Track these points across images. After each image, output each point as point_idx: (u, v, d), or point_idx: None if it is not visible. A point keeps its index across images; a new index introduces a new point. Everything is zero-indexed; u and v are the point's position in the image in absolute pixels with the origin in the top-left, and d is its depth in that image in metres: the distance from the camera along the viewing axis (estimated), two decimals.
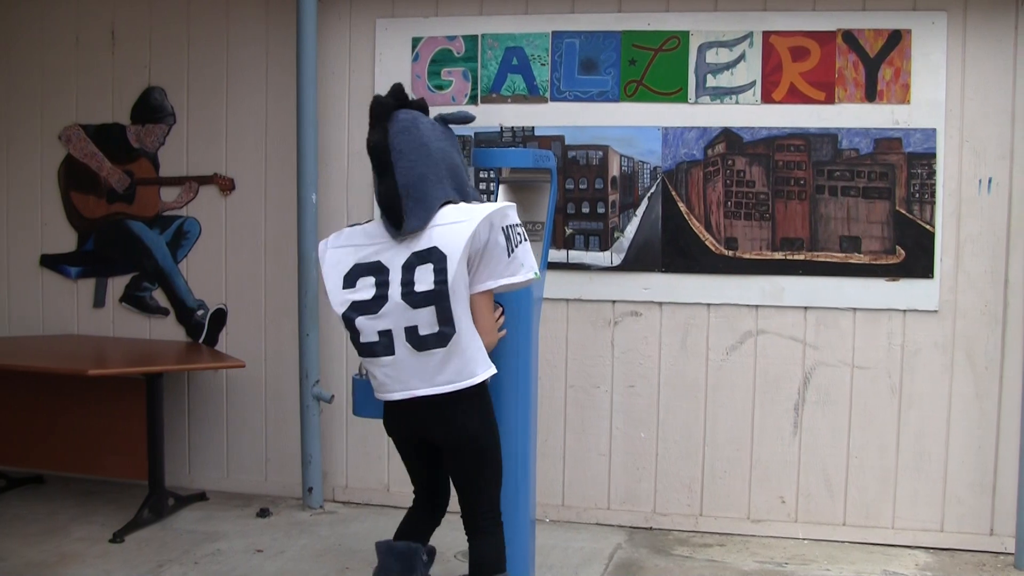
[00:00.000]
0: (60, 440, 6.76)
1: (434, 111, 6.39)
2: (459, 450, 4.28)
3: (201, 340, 7.11)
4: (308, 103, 6.53)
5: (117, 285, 7.27)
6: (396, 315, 4.13)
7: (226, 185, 6.97)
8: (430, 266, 4.10)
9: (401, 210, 4.17)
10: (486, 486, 4.34)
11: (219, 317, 7.06)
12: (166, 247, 7.14)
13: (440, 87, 6.57)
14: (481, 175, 6.41)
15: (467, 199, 4.29)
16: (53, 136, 7.30)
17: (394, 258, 4.18)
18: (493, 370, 4.22)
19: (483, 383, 4.22)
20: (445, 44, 6.56)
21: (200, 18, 7.01)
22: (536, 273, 4.19)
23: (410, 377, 4.18)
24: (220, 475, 7.16)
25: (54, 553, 5.92)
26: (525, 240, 4.21)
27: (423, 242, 4.13)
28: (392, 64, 6.63)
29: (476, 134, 6.47)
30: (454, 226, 4.12)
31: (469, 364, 4.16)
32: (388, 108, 4.34)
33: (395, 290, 4.13)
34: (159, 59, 7.08)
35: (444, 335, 4.11)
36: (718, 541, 6.22)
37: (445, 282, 4.07)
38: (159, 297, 7.19)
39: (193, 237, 7.10)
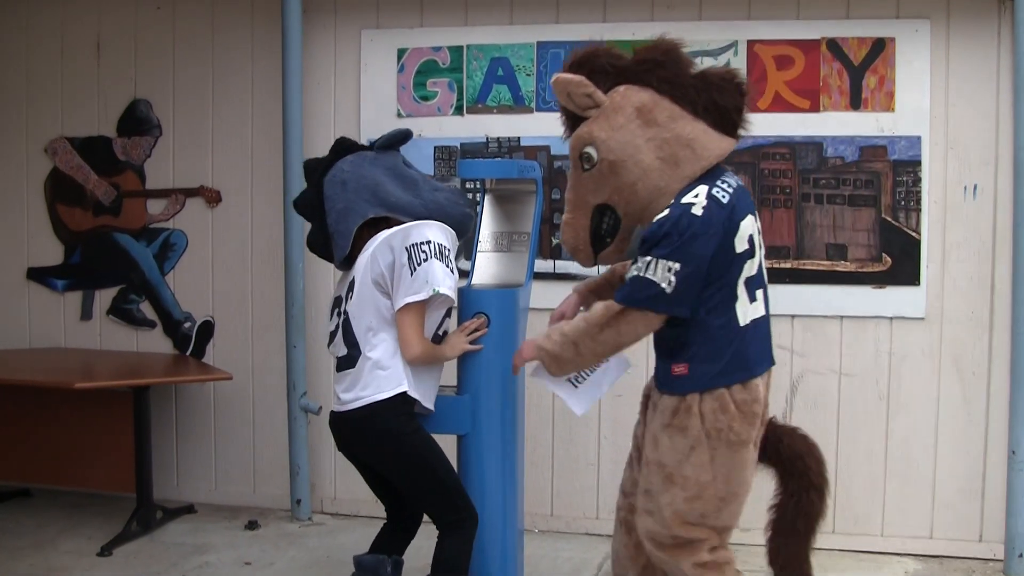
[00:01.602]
0: (47, 453, 6.76)
1: (421, 122, 6.47)
2: (384, 464, 4.53)
3: (188, 352, 7.10)
4: (294, 115, 6.53)
5: (104, 298, 7.27)
6: (337, 342, 4.52)
7: (212, 197, 6.97)
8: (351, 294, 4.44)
9: (331, 248, 4.54)
10: (425, 495, 4.52)
11: (206, 329, 7.06)
12: (153, 259, 7.14)
13: (425, 98, 6.58)
14: (467, 186, 6.41)
15: (396, 208, 4.49)
16: (39, 149, 7.29)
17: (343, 289, 4.53)
18: (403, 388, 4.39)
19: (400, 399, 4.39)
20: (430, 55, 6.57)
21: (185, 30, 7.01)
22: (436, 290, 4.31)
23: (335, 398, 4.53)
24: (208, 487, 7.15)
25: (42, 567, 5.92)
26: (434, 258, 4.33)
27: (352, 272, 4.47)
28: (377, 75, 6.64)
29: (462, 145, 6.48)
30: (364, 253, 4.42)
31: (375, 382, 4.39)
32: (312, 168, 4.67)
33: (340, 319, 4.51)
34: (145, 71, 7.08)
35: (352, 357, 4.44)
36: None
37: (347, 309, 4.44)
38: (146, 309, 7.19)
39: (180, 249, 7.09)
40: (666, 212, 3.83)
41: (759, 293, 4.04)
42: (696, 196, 3.83)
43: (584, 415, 4.53)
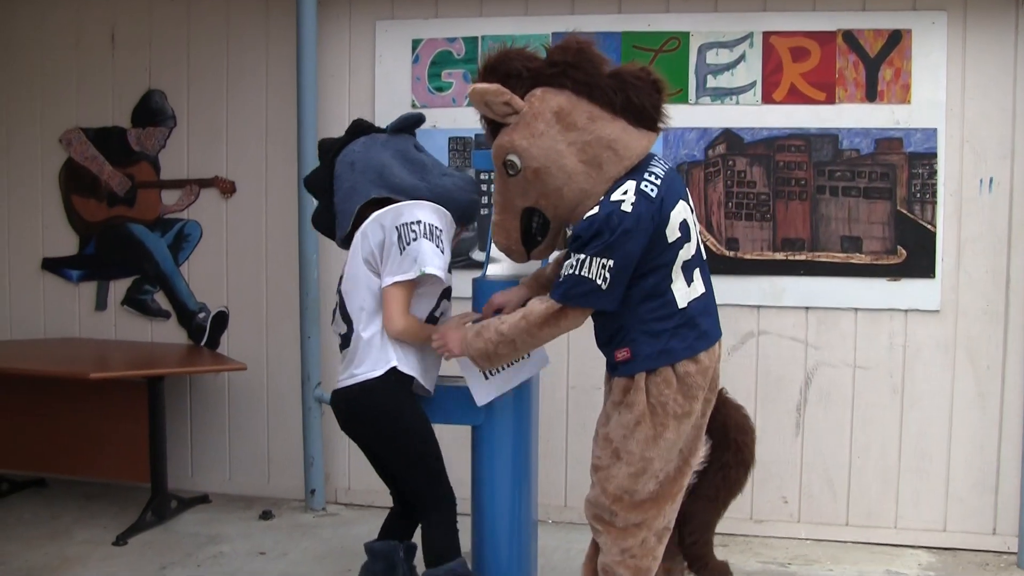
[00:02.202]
0: (62, 443, 6.78)
1: (436, 113, 6.47)
2: (377, 442, 4.55)
3: (203, 343, 7.13)
4: (308, 105, 6.55)
5: (118, 288, 7.29)
6: (337, 320, 4.64)
7: (227, 188, 6.98)
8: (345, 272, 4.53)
9: (334, 227, 4.61)
10: (409, 477, 4.55)
11: (220, 320, 7.08)
12: (167, 250, 7.16)
13: (440, 89, 6.59)
14: (482, 176, 6.42)
15: (400, 191, 4.49)
16: (54, 139, 7.32)
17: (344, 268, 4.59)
18: (392, 363, 4.40)
19: (390, 377, 4.42)
20: (445, 46, 6.58)
21: (200, 21, 7.03)
22: (423, 270, 4.30)
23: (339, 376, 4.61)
24: (222, 478, 7.18)
25: (57, 556, 5.95)
26: (424, 238, 4.33)
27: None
28: (392, 66, 6.65)
29: (476, 136, 6.48)
30: (358, 231, 4.45)
31: (368, 360, 4.43)
32: (326, 148, 4.71)
33: (338, 297, 4.60)
34: (159, 62, 7.10)
35: (347, 335, 4.52)
36: (721, 541, 6.20)
37: (341, 287, 4.52)
38: (160, 300, 7.21)
39: (194, 240, 7.11)
40: (595, 210, 3.89)
41: (696, 273, 4.12)
42: (625, 193, 3.88)
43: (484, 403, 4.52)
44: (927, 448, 6.16)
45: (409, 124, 4.73)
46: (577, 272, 3.86)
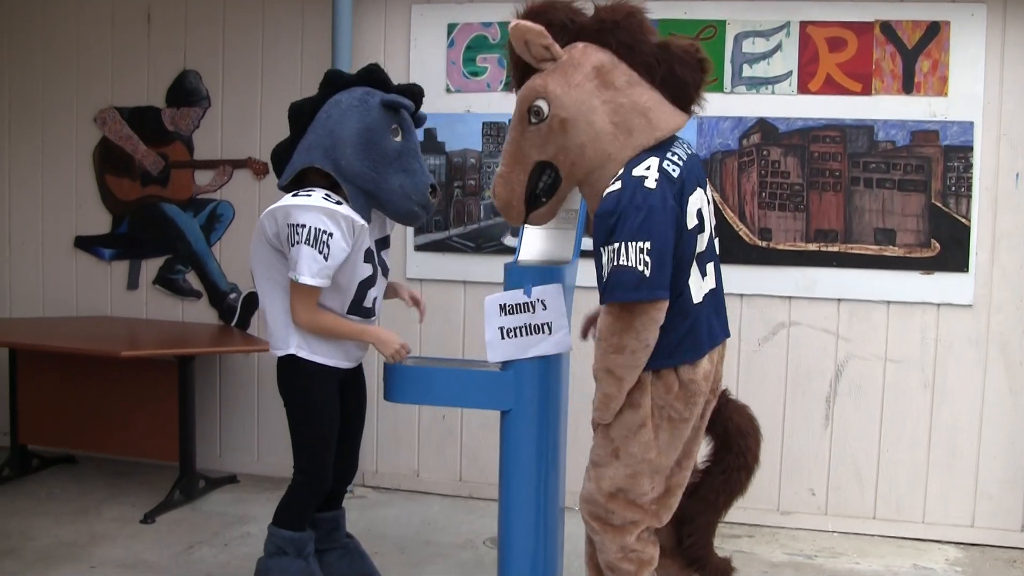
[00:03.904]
0: (92, 421, 6.85)
1: (470, 98, 6.49)
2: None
3: (233, 323, 7.18)
4: None
5: (150, 267, 7.35)
6: None
7: (260, 169, 7.02)
8: None
9: (281, 168, 4.62)
10: (295, 444, 4.67)
11: (251, 300, 7.12)
12: (199, 230, 7.21)
13: (475, 73, 6.61)
14: None
15: (340, 173, 4.47)
16: (88, 119, 7.38)
17: None
18: (289, 350, 4.55)
19: (291, 360, 4.56)
20: (480, 31, 6.60)
21: (236, 2, 7.07)
22: (297, 278, 4.37)
23: None
24: (250, 458, 7.24)
25: (86, 533, 6.02)
26: (304, 244, 4.34)
27: None
28: (427, 50, 6.68)
29: (510, 122, 6.48)
30: (265, 212, 4.48)
31: (272, 338, 4.61)
32: (331, 80, 4.64)
33: None
34: (194, 42, 7.15)
35: (260, 306, 4.68)
36: (747, 532, 6.25)
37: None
38: (192, 280, 7.27)
39: (226, 220, 7.17)
40: (617, 186, 3.77)
41: (710, 267, 4.03)
42: (647, 169, 3.77)
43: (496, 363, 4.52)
44: (957, 443, 6.17)
45: (402, 103, 4.58)
46: (617, 263, 3.70)
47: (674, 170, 3.82)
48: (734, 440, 4.27)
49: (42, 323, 7.16)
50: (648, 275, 3.68)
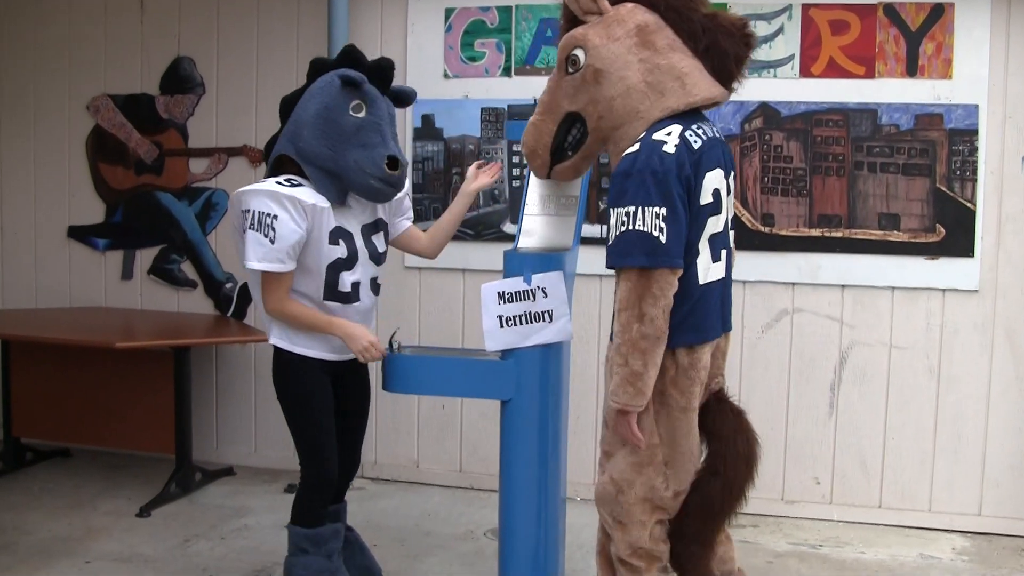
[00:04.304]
0: (87, 413, 6.83)
1: (468, 83, 6.47)
2: None
3: (229, 313, 7.16)
4: None
5: (145, 257, 7.33)
6: None
7: (256, 157, 6.99)
8: None
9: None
10: (293, 438, 4.65)
11: (247, 290, 7.08)
12: (195, 219, 7.18)
13: (473, 59, 6.57)
14: (514, 148, 6.41)
15: (301, 156, 4.44)
16: (81, 106, 7.34)
17: None
18: (271, 340, 4.57)
19: (276, 350, 4.59)
20: (478, 15, 6.56)
21: None
22: (246, 264, 4.34)
23: None
24: (247, 450, 7.21)
25: (80, 527, 5.99)
26: (251, 229, 4.31)
27: None
28: (424, 35, 6.64)
29: (509, 106, 6.47)
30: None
31: (267, 326, 4.62)
32: (315, 67, 4.59)
33: None
34: (188, 29, 7.11)
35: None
36: (751, 522, 6.22)
37: None
38: (187, 270, 7.24)
39: (222, 209, 7.13)
40: (635, 147, 3.74)
41: (723, 253, 3.97)
42: (668, 135, 3.74)
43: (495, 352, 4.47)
44: (963, 430, 6.13)
45: (351, 85, 4.49)
46: (632, 226, 3.65)
47: (695, 141, 3.78)
48: (711, 442, 4.10)
49: (35, 314, 7.13)
50: (664, 242, 3.64)
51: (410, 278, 6.67)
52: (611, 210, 3.76)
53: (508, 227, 6.47)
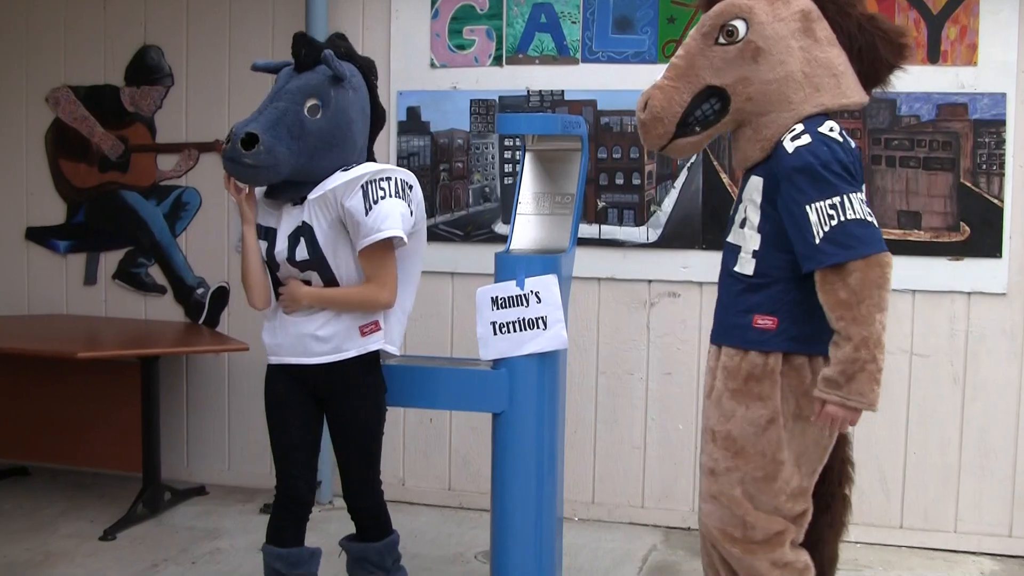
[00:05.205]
0: (47, 429, 6.82)
1: (456, 73, 6.46)
2: None
3: (201, 321, 7.13)
4: None
5: (110, 261, 7.30)
6: None
7: None
8: None
9: None
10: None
11: (221, 296, 7.08)
12: (163, 219, 7.16)
13: (461, 47, 6.56)
14: (506, 142, 6.40)
15: None
16: (39, 98, 7.32)
17: None
18: (376, 345, 4.48)
19: (371, 358, 4.54)
20: (467, 0, 6.55)
21: None
22: (384, 234, 4.24)
23: None
24: (221, 467, 7.19)
25: (39, 551, 5.96)
26: (400, 196, 4.28)
27: None
28: (409, 22, 6.62)
29: (501, 98, 6.45)
30: None
31: None
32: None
33: None
34: (155, 15, 7.09)
35: None
36: None
37: None
38: (155, 274, 7.22)
39: (193, 209, 7.11)
40: (806, 140, 3.68)
41: None
42: (832, 130, 3.72)
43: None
44: (991, 444, 6.11)
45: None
46: (843, 217, 3.57)
47: (851, 141, 3.77)
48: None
49: None
50: (876, 225, 3.63)
51: None
52: (808, 207, 3.64)
53: (500, 227, 6.46)
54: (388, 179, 4.24)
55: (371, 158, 4.53)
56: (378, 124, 4.59)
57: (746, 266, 3.85)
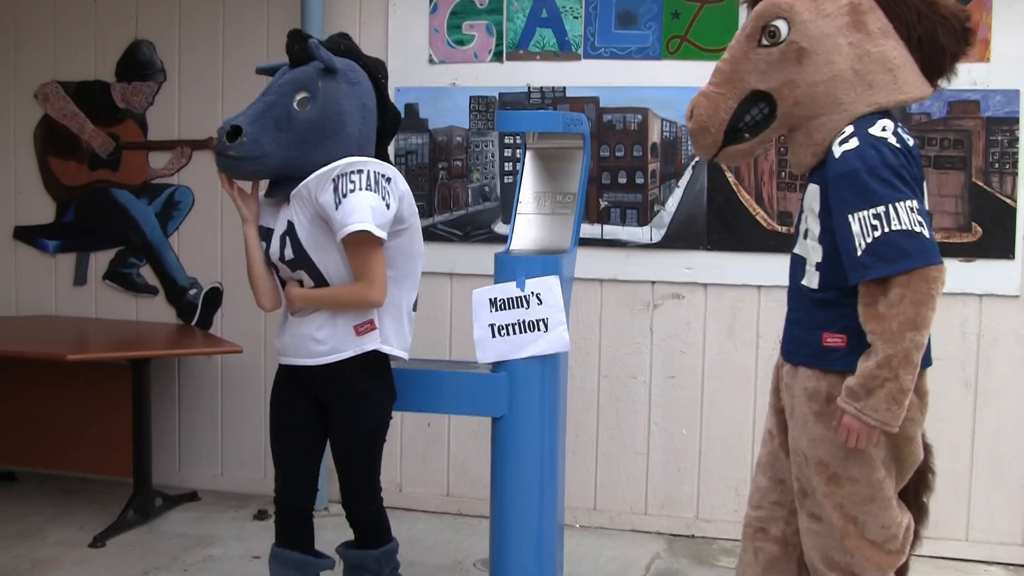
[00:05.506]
0: (35, 433, 6.81)
1: (455, 69, 6.45)
2: None
3: (193, 322, 7.12)
4: None
5: (100, 261, 7.30)
6: None
7: None
8: None
9: None
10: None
11: (214, 297, 7.07)
12: (155, 219, 7.15)
13: (461, 42, 6.55)
14: (506, 140, 6.39)
15: None
16: (28, 94, 7.32)
17: None
18: (373, 345, 4.45)
19: (373, 357, 4.53)
20: None
21: None
22: (353, 228, 4.21)
23: None
24: (214, 473, 7.19)
25: (27, 559, 5.95)
26: (370, 189, 4.26)
27: None
28: (407, 17, 6.61)
29: (501, 95, 6.44)
30: None
31: None
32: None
33: None
34: (147, 9, 7.09)
35: None
36: None
37: None
38: (147, 274, 7.21)
39: (185, 208, 7.11)
40: (854, 144, 3.56)
41: None
42: (883, 130, 3.58)
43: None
44: (1003, 450, 6.10)
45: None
46: (886, 228, 3.44)
47: (908, 140, 3.64)
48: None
49: None
50: (928, 236, 3.47)
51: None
52: (851, 216, 3.54)
53: (500, 227, 6.45)
54: (359, 172, 4.19)
55: (382, 159, 4.50)
56: (391, 125, 4.57)
57: (812, 279, 3.76)
